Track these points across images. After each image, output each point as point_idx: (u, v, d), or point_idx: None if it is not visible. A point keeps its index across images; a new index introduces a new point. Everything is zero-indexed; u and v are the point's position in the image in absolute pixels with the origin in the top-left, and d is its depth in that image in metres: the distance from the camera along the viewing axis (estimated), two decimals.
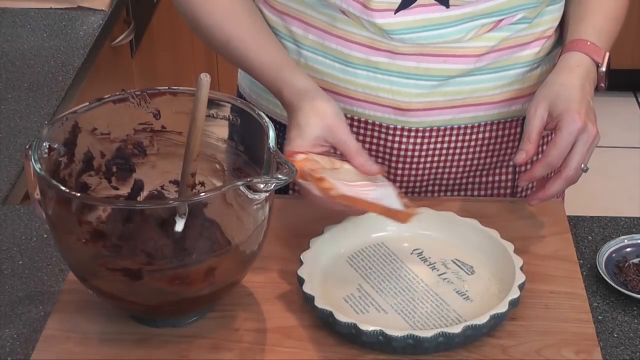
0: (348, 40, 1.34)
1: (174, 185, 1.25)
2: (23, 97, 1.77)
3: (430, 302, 1.17)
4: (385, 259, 1.24)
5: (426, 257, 1.24)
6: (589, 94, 1.30)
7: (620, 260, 1.28)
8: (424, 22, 1.31)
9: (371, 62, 1.34)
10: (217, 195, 1.12)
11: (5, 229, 1.35)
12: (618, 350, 1.16)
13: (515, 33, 1.35)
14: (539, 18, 1.37)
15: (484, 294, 1.18)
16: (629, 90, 3.81)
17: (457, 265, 1.22)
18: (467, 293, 1.19)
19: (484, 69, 1.36)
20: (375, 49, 1.34)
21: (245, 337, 1.16)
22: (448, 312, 1.16)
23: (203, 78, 1.12)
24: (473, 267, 1.22)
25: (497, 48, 1.35)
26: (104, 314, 1.18)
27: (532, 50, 1.38)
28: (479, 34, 1.33)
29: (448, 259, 1.23)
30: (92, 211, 1.13)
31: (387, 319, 1.15)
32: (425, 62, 1.34)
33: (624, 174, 3.35)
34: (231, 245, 1.15)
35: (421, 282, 1.20)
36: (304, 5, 1.35)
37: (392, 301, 1.18)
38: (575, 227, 1.34)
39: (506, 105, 1.41)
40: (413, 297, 1.18)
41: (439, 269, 1.22)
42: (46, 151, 1.14)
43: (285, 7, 1.37)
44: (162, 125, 1.23)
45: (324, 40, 1.36)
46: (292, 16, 1.37)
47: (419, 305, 1.17)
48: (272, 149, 1.11)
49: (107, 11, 2.06)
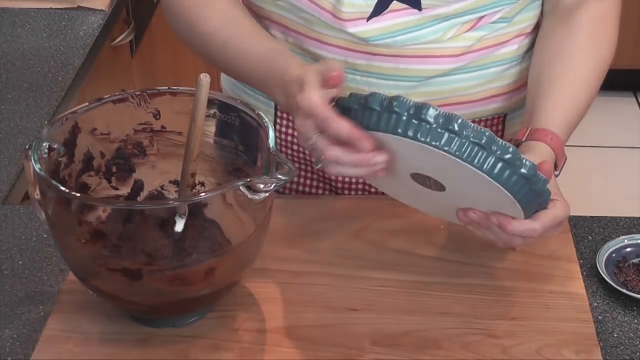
0: (325, 43, 1.34)
1: (174, 185, 1.25)
2: (23, 97, 1.77)
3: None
4: None
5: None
6: None
7: (620, 260, 1.28)
8: (398, 27, 1.30)
9: (349, 63, 1.34)
10: (217, 195, 1.12)
11: (5, 229, 1.35)
12: (618, 350, 1.16)
13: (493, 32, 1.35)
14: (518, 16, 1.37)
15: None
16: (629, 90, 3.81)
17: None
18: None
19: (463, 68, 1.36)
20: (353, 51, 1.33)
21: (245, 337, 1.16)
22: None
23: (203, 78, 1.12)
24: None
25: (476, 47, 1.35)
26: (104, 314, 1.18)
27: (511, 47, 1.38)
28: (457, 33, 1.33)
29: None
30: (92, 211, 1.13)
31: None
32: (403, 63, 1.33)
33: (624, 174, 3.35)
34: (231, 245, 1.15)
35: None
36: (282, 10, 1.35)
37: None
38: (575, 227, 1.34)
39: (487, 103, 1.41)
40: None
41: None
42: (46, 151, 1.14)
43: (265, 11, 1.37)
44: (162, 125, 1.23)
45: (302, 43, 1.36)
46: (271, 20, 1.37)
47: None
48: (272, 149, 1.11)
49: (107, 11, 2.06)
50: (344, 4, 1.29)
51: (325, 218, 1.31)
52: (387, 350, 1.14)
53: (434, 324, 1.18)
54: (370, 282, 1.24)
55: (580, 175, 3.27)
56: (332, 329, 1.17)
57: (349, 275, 1.25)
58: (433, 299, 1.21)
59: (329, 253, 1.28)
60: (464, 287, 1.22)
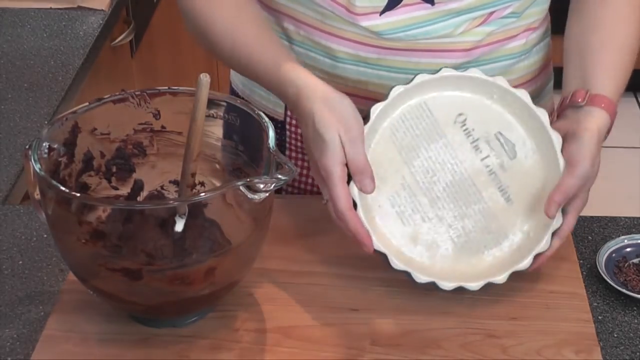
0: (337, 37, 1.35)
1: (174, 185, 1.25)
2: (23, 97, 1.77)
3: (474, 215, 1.21)
4: (427, 129, 1.22)
5: (469, 128, 1.22)
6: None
7: (620, 260, 1.28)
8: (410, 21, 1.31)
9: (360, 57, 1.34)
10: (217, 195, 1.12)
11: (5, 229, 1.35)
12: (618, 350, 1.16)
13: (502, 27, 1.36)
14: (527, 11, 1.37)
15: (524, 192, 1.21)
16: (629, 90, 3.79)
17: (500, 143, 1.21)
18: (507, 190, 1.21)
19: (472, 62, 1.36)
20: (364, 45, 1.34)
21: (245, 337, 1.16)
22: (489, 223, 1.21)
23: (203, 78, 1.12)
24: (515, 146, 1.21)
25: (485, 42, 1.35)
26: (104, 314, 1.18)
27: (519, 42, 1.38)
28: (468, 28, 1.33)
29: (491, 133, 1.22)
30: (92, 211, 1.13)
31: (435, 236, 1.20)
32: (415, 57, 1.34)
33: (624, 174, 3.35)
34: (231, 245, 1.15)
35: (465, 172, 1.21)
36: (294, 2, 1.35)
37: (438, 207, 1.21)
38: (575, 227, 1.34)
39: None
40: (457, 199, 1.21)
41: (481, 149, 1.21)
42: (46, 151, 1.14)
43: (277, 4, 1.37)
44: (162, 126, 1.23)
45: (313, 36, 1.36)
46: (283, 13, 1.37)
47: (465, 219, 1.21)
48: (272, 149, 1.11)
49: (107, 11, 2.06)
50: None
51: (325, 218, 1.30)
52: (387, 350, 1.14)
53: (434, 324, 1.18)
54: (370, 282, 1.23)
55: None
56: (332, 329, 1.17)
57: (349, 275, 1.25)
58: (433, 299, 1.21)
59: (329, 253, 1.28)
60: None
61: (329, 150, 1.14)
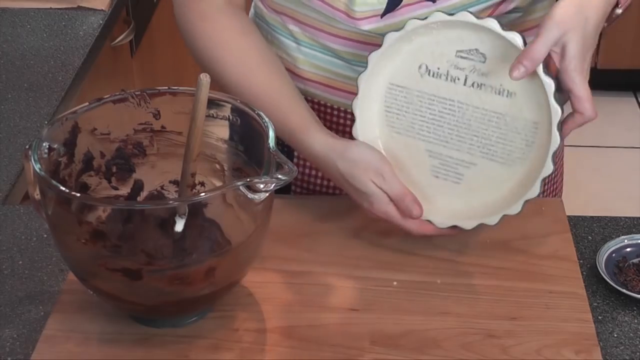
0: (341, 38, 1.35)
1: (174, 185, 1.25)
2: (23, 97, 1.77)
3: (495, 129, 1.22)
4: (409, 100, 1.25)
5: (433, 70, 1.23)
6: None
7: (620, 260, 1.28)
8: None
9: (362, 56, 1.34)
10: (217, 195, 1.12)
11: (5, 229, 1.35)
12: (618, 350, 1.16)
13: (508, 23, 1.35)
14: (532, 6, 1.37)
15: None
16: (629, 90, 3.81)
17: (465, 58, 1.22)
18: (501, 87, 1.20)
19: None
20: (369, 44, 1.34)
21: (245, 337, 1.16)
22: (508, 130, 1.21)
23: (203, 78, 1.12)
24: (478, 50, 1.21)
25: None
26: (104, 314, 1.18)
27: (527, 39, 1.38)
28: None
29: (452, 57, 1.22)
30: (92, 211, 1.13)
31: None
32: None
33: (624, 174, 3.35)
34: (231, 245, 1.15)
35: (461, 104, 1.22)
36: (298, 5, 1.35)
37: (466, 147, 1.24)
38: (575, 227, 1.34)
39: None
40: (473, 129, 1.23)
41: (457, 77, 1.22)
42: (46, 151, 1.14)
43: (281, 6, 1.37)
44: (162, 125, 1.23)
45: (317, 37, 1.36)
46: (288, 15, 1.38)
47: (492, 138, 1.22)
48: (272, 149, 1.11)
49: (107, 11, 2.06)
50: (357, 4, 1.29)
51: (325, 218, 1.30)
52: (387, 350, 1.14)
53: (434, 324, 1.18)
54: (370, 282, 1.23)
55: (580, 175, 3.27)
56: (332, 329, 1.17)
57: (349, 275, 1.25)
58: (433, 299, 1.21)
59: (329, 253, 1.28)
60: (464, 287, 1.22)
61: (375, 201, 1.23)
